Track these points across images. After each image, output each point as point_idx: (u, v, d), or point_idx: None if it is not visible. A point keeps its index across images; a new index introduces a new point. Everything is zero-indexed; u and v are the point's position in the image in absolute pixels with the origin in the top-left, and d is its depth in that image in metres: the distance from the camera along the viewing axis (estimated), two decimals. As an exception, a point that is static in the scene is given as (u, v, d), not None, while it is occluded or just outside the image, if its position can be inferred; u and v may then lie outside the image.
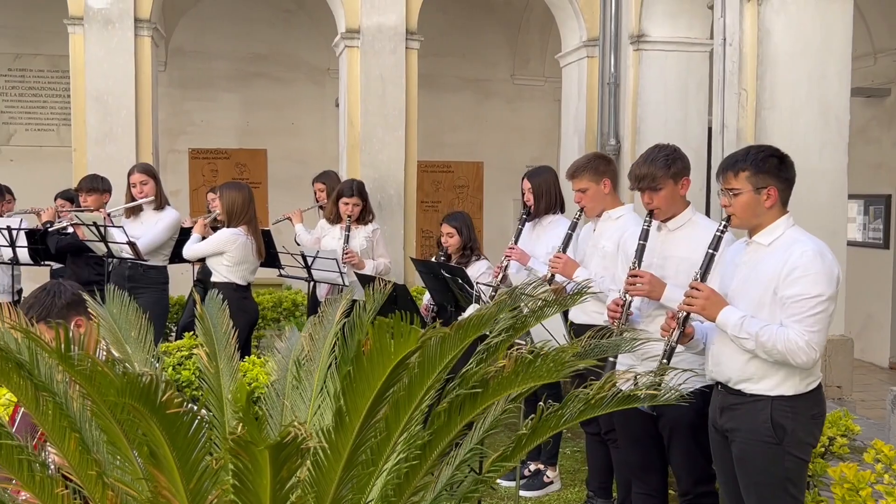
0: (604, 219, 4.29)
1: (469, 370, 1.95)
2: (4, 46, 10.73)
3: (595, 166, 4.24)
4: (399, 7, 8.80)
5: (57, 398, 1.84)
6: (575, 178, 4.27)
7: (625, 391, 1.79)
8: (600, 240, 4.24)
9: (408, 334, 1.55)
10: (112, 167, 8.00)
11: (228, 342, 2.73)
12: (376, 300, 2.75)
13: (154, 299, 5.76)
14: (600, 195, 4.25)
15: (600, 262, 4.18)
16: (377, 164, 8.88)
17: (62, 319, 2.97)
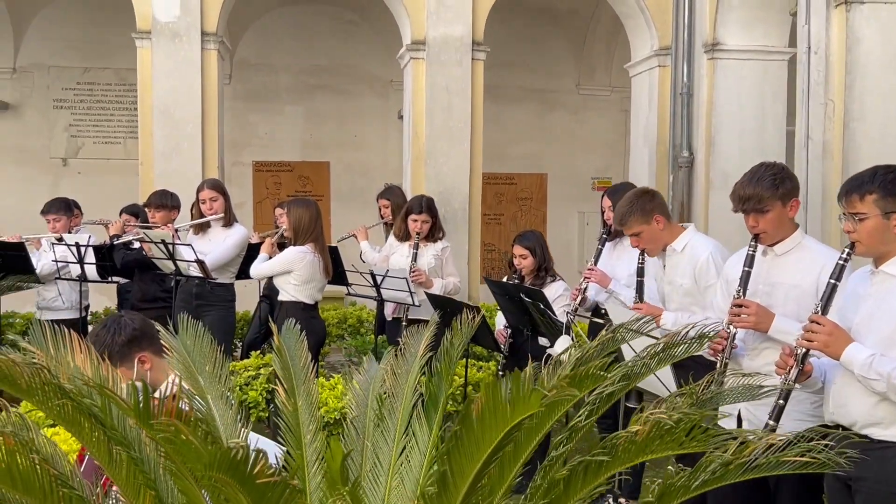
0: (669, 253, 4.02)
1: (604, 439, 1.74)
2: (74, 60, 10.87)
3: (641, 207, 3.94)
4: (465, 18, 8.65)
5: (132, 451, 1.68)
6: (625, 227, 4.00)
7: (772, 457, 1.56)
8: (674, 277, 3.97)
9: (527, 396, 1.35)
10: (178, 181, 7.99)
11: (307, 377, 2.56)
12: (464, 333, 2.54)
13: (221, 317, 5.67)
14: (656, 233, 3.97)
15: (682, 299, 3.92)
16: (442, 177, 8.72)
17: (123, 358, 2.84)
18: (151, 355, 2.94)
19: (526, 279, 4.95)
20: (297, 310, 5.24)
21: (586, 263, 11.30)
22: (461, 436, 1.45)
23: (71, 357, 2.23)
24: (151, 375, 2.96)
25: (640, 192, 4.02)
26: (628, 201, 3.96)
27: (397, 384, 2.61)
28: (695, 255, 3.90)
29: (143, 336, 2.93)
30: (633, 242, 4.00)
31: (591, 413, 1.87)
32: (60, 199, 6.32)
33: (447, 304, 5.01)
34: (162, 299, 6.01)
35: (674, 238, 3.97)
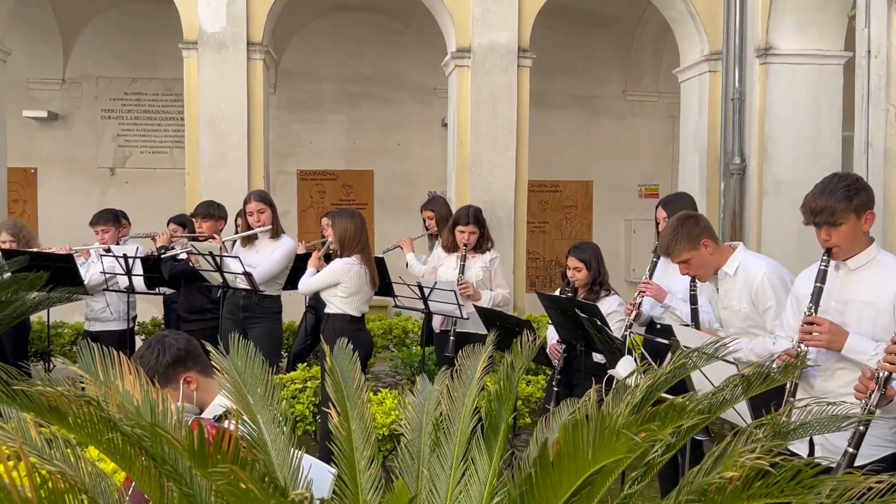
0: (721, 277, 3.85)
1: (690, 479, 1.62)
2: (121, 70, 10.98)
3: (687, 233, 3.76)
4: (511, 25, 8.55)
5: (183, 487, 1.61)
6: (671, 255, 3.84)
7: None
8: (730, 302, 3.81)
9: (612, 440, 1.24)
10: (224, 191, 8.00)
11: (361, 400, 2.47)
12: (525, 356, 2.43)
13: (268, 329, 5.63)
14: (705, 259, 3.80)
15: (741, 323, 3.76)
16: (487, 185, 8.62)
17: (168, 379, 2.78)
18: (197, 375, 2.87)
19: (579, 292, 4.81)
20: (344, 322, 5.17)
21: (632, 271, 11.24)
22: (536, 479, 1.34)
23: (120, 380, 2.17)
24: (198, 396, 2.89)
25: (683, 218, 3.84)
26: (672, 229, 3.79)
27: (454, 407, 2.51)
28: (749, 277, 3.74)
29: (187, 356, 2.86)
30: (683, 270, 3.84)
31: (669, 449, 1.75)
32: (108, 210, 6.34)
33: (496, 317, 4.90)
34: (208, 311, 5.99)
35: (724, 261, 3.80)
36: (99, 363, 2.15)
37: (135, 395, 2.12)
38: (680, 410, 1.50)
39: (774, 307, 3.62)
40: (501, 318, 4.85)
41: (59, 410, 1.57)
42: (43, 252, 6.04)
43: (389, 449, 4.47)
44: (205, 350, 2.67)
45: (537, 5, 8.61)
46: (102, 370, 2.15)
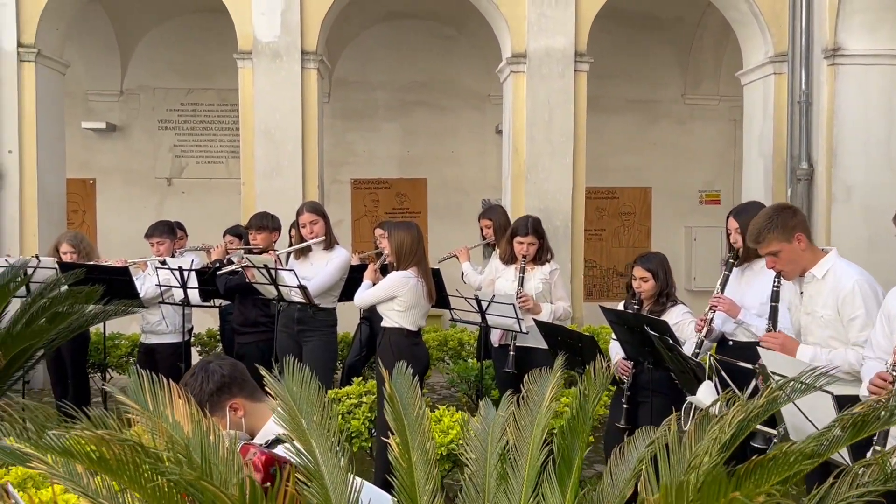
0: (808, 280, 3.62)
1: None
2: (177, 81, 11.07)
3: (782, 223, 3.56)
4: (568, 29, 8.37)
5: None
6: (760, 243, 3.62)
7: None
8: (814, 307, 3.58)
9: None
10: (279, 200, 7.96)
11: (423, 429, 2.33)
12: (599, 388, 2.26)
13: (323, 343, 5.54)
14: (796, 254, 3.58)
15: (821, 332, 3.53)
16: (543, 193, 8.45)
17: (214, 407, 2.67)
18: (244, 401, 2.75)
19: (644, 304, 4.61)
20: (401, 336, 5.04)
21: (693, 280, 10.92)
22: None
23: (170, 409, 2.06)
24: (247, 422, 2.77)
25: (780, 207, 3.66)
26: (767, 216, 3.61)
27: (521, 437, 2.36)
28: (838, 283, 3.51)
29: (232, 382, 2.74)
30: (770, 263, 3.63)
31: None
32: (164, 222, 6.33)
33: (557, 332, 4.72)
34: (263, 324, 5.92)
35: (814, 262, 3.59)
36: (148, 391, 2.05)
37: (185, 426, 2.01)
38: (787, 461, 1.32)
39: (862, 318, 3.40)
40: (563, 333, 4.68)
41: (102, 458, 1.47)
42: (99, 265, 6.04)
43: (447, 469, 4.33)
44: (257, 374, 2.55)
45: (594, 9, 8.42)
46: (152, 399, 2.04)
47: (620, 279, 11.47)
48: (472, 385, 6.07)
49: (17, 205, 8.13)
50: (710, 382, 3.07)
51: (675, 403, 4.41)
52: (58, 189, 8.74)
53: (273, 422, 2.68)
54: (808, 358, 3.48)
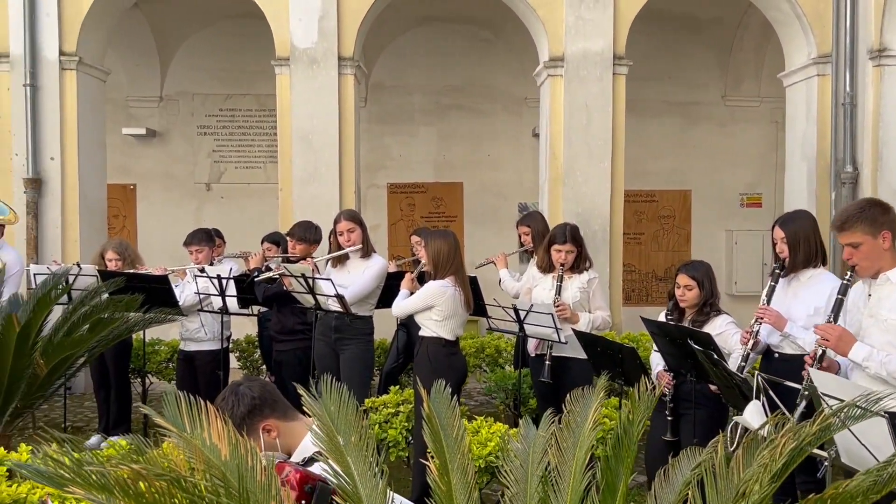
0: (881, 282, 3.51)
1: None
2: (216, 87, 11.16)
3: (872, 216, 3.47)
4: (606, 32, 8.28)
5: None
6: (844, 231, 3.52)
7: None
8: (879, 309, 3.47)
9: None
10: (317, 206, 7.99)
11: (462, 451, 2.28)
12: (644, 410, 2.20)
13: (360, 351, 5.52)
14: (877, 251, 3.48)
15: (882, 336, 3.43)
16: (580, 197, 8.37)
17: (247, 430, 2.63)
18: (276, 421, 2.71)
19: (687, 313, 4.52)
20: (438, 346, 5.00)
21: (734, 284, 10.73)
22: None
23: (207, 433, 2.04)
24: (281, 442, 2.74)
25: (874, 201, 3.64)
26: (859, 206, 3.58)
27: (563, 460, 2.30)
28: None
29: (263, 404, 2.70)
30: (847, 254, 3.54)
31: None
32: (202, 230, 6.36)
33: (597, 342, 4.65)
34: (301, 331, 5.92)
35: (893, 265, 3.50)
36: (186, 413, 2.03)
37: (222, 448, 1.99)
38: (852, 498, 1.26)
39: None
40: (603, 344, 4.60)
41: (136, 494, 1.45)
42: (139, 273, 6.09)
43: (485, 481, 4.28)
44: (295, 394, 2.52)
45: (633, 11, 8.33)
46: (189, 421, 2.02)
47: (659, 284, 11.33)
48: (509, 394, 6.02)
49: (58, 211, 8.25)
50: (758, 402, 2.98)
51: (718, 416, 4.34)
52: (99, 195, 8.85)
53: (310, 440, 2.65)
54: (861, 357, 3.40)
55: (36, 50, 8.17)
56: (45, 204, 8.24)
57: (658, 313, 4.70)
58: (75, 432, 6.69)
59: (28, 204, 8.11)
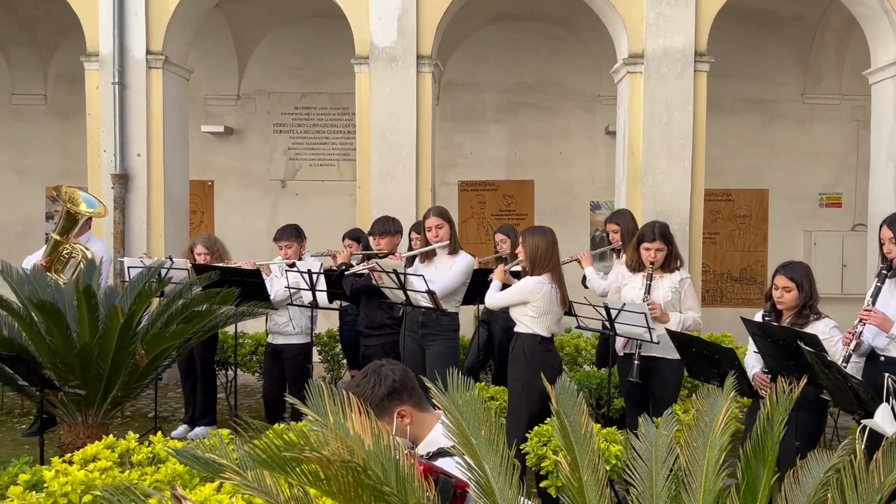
0: None
1: None
2: (292, 86, 11.33)
3: None
4: (687, 28, 8.17)
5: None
6: None
7: None
8: None
9: None
10: (394, 203, 8.05)
11: (591, 447, 2.28)
12: (783, 411, 2.17)
13: (446, 347, 5.54)
14: None
15: None
16: (659, 196, 8.28)
17: (382, 412, 2.67)
18: (411, 409, 2.75)
19: (784, 315, 4.44)
20: (534, 343, 5.00)
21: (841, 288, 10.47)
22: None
23: (351, 424, 2.08)
24: (411, 430, 2.79)
25: None
26: None
27: (693, 461, 2.29)
28: None
29: (402, 389, 2.74)
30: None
31: None
32: (292, 225, 6.45)
33: (692, 342, 4.59)
34: (388, 326, 5.98)
35: None
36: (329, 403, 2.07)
37: (365, 439, 2.03)
38: None
39: None
40: (698, 345, 4.55)
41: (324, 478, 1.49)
42: (232, 267, 6.22)
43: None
44: (422, 385, 2.55)
45: (715, 7, 8.21)
46: (332, 412, 2.06)
47: (734, 285, 11.16)
48: (592, 393, 5.98)
49: (144, 206, 8.47)
50: (887, 406, 2.90)
51: (818, 418, 4.26)
52: (182, 191, 9.06)
53: (435, 432, 2.68)
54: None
55: (124, 49, 8.39)
56: (131, 199, 8.46)
57: (733, 315, 4.63)
58: (162, 422, 6.86)
59: (115, 199, 8.34)
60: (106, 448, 3.84)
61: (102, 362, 4.87)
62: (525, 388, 4.94)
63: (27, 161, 11.59)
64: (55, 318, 4.69)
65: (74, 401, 5.00)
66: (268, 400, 6.42)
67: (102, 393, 5.03)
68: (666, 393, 5.16)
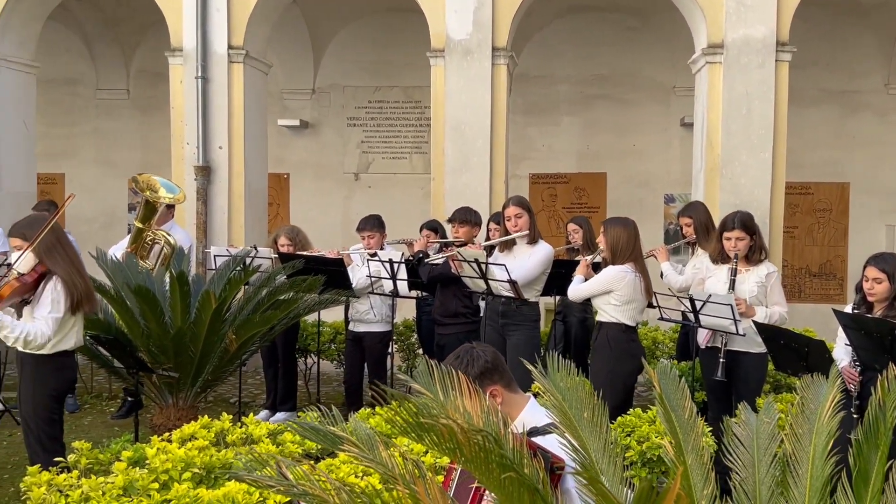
0: None
1: None
2: (366, 80, 11.47)
3: None
4: (769, 17, 8.01)
5: None
6: None
7: None
8: None
9: None
10: (468, 195, 8.10)
11: (695, 431, 2.29)
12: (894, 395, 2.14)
13: (527, 337, 5.56)
14: None
15: None
16: (738, 189, 8.14)
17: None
18: (503, 389, 2.80)
19: (875, 308, 4.34)
20: (618, 332, 5.00)
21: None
22: None
23: (460, 400, 2.12)
24: (503, 410, 2.83)
25: None
26: None
27: (800, 447, 2.27)
28: None
29: (494, 369, 2.79)
30: None
31: None
32: (374, 216, 6.55)
33: (780, 335, 4.53)
34: (462, 315, 6.03)
35: None
36: (438, 381, 2.12)
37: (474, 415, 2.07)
38: None
39: None
40: (787, 337, 4.48)
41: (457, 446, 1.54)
42: (315, 256, 6.34)
43: (663, 471, 4.25)
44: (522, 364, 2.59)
45: (798, -5, 8.02)
46: (442, 389, 2.11)
47: (813, 280, 10.91)
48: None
49: (226, 198, 8.68)
50: None
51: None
52: (261, 183, 9.26)
53: (529, 413, 2.71)
54: None
55: (207, 44, 8.61)
56: (213, 191, 8.69)
57: (812, 311, 4.54)
58: (244, 408, 7.04)
59: (198, 190, 8.57)
60: (202, 428, 3.97)
61: (194, 346, 5.04)
62: (608, 378, 4.94)
63: (111, 154, 12.00)
64: (151, 303, 4.87)
65: (166, 383, 5.18)
66: (348, 386, 6.54)
67: (193, 376, 5.19)
68: (750, 387, 5.08)
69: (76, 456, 3.80)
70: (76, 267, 4.35)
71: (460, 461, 1.68)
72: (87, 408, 7.32)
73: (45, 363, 4.32)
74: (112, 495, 3.26)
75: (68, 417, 4.82)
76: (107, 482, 3.39)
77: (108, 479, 3.42)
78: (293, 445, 3.87)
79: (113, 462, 3.71)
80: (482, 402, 2.08)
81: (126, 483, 3.37)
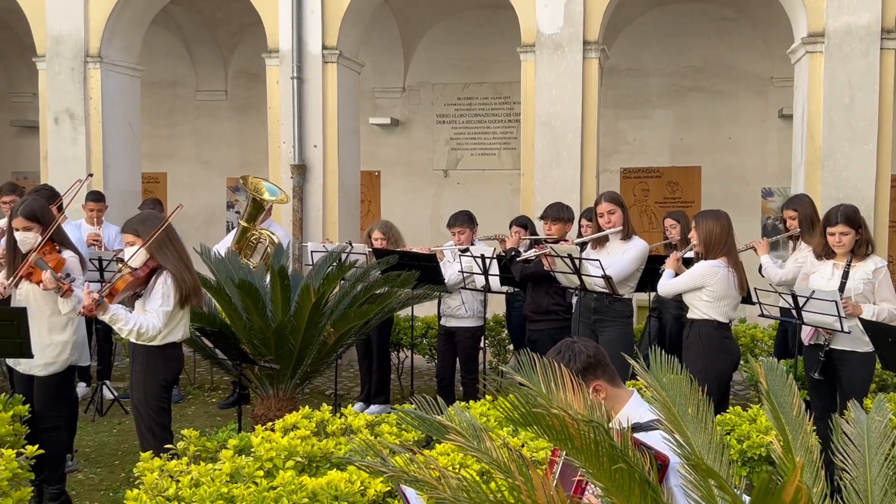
0: None
1: None
2: (455, 77, 11.54)
3: None
4: (873, 4, 7.71)
5: None
6: None
7: None
8: None
9: None
10: (558, 190, 8.06)
11: (804, 429, 2.24)
12: None
13: (620, 334, 5.52)
14: None
15: None
16: (841, 182, 7.86)
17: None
18: (606, 384, 2.80)
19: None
20: (711, 328, 4.91)
21: None
22: None
23: (563, 393, 2.14)
24: (606, 405, 2.82)
25: None
26: None
27: (915, 446, 2.20)
28: None
29: (596, 364, 2.79)
30: None
31: None
32: (465, 212, 6.61)
33: (888, 333, 4.36)
34: (555, 311, 6.01)
35: None
36: (540, 374, 2.13)
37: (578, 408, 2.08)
38: None
39: None
40: (892, 333, 4.31)
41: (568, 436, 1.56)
42: (409, 252, 6.44)
43: (766, 471, 4.15)
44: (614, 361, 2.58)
45: (905, -20, 7.69)
46: (543, 381, 2.13)
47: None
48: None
49: (320, 195, 8.88)
50: None
51: None
52: (353, 181, 9.44)
53: (632, 408, 2.70)
54: None
55: (302, 45, 8.82)
56: (308, 188, 8.90)
57: None
58: (339, 399, 7.20)
59: (294, 188, 8.80)
60: (304, 418, 4.09)
61: (294, 339, 5.19)
62: (701, 376, 4.84)
63: (210, 153, 12.42)
64: (253, 297, 5.04)
65: (267, 375, 5.35)
66: (441, 381, 6.62)
67: (293, 368, 5.35)
68: (855, 387, 4.90)
69: (185, 443, 3.97)
70: (185, 262, 4.53)
71: (571, 451, 1.69)
72: (190, 398, 7.61)
73: (155, 354, 4.51)
74: (221, 481, 3.39)
75: (173, 407, 5.02)
76: (215, 469, 3.53)
77: (216, 466, 3.56)
78: (391, 437, 3.95)
79: (219, 450, 3.86)
80: (586, 397, 2.08)
81: (233, 470, 3.50)
